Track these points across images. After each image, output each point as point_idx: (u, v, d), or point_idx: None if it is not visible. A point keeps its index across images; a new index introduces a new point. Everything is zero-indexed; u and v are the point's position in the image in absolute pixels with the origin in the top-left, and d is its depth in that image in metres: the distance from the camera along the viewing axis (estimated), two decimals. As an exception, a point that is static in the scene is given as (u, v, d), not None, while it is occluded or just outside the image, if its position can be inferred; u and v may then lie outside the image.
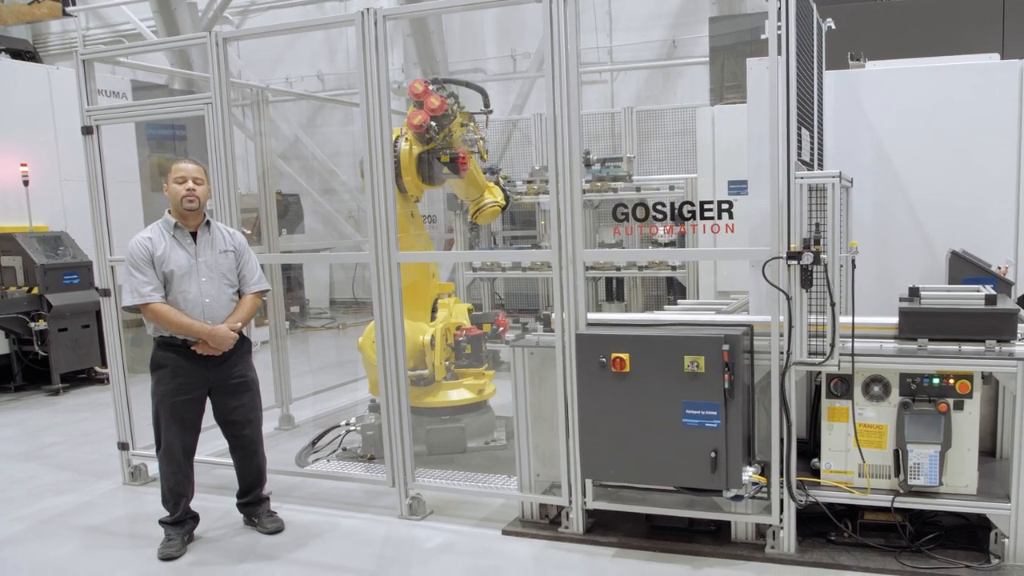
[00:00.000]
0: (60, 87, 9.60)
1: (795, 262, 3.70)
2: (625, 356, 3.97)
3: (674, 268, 7.19)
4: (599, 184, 7.51)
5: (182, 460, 4.57)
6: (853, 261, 3.84)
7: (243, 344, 4.66)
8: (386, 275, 4.72)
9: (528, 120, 10.53)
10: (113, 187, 5.76)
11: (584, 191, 7.61)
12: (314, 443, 6.32)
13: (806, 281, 3.71)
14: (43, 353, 8.97)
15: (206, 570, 4.36)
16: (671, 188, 7.31)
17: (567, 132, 4.19)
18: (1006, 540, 3.66)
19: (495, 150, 11.03)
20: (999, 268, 4.37)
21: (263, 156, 7.31)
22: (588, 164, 7.74)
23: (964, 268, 4.35)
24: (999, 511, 3.66)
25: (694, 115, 6.83)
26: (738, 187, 6.23)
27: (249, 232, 11.55)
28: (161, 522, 4.63)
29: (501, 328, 6.18)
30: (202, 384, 4.55)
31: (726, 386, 3.78)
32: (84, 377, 9.48)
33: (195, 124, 12.21)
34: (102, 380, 9.08)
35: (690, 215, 4.12)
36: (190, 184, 4.45)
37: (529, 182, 8.00)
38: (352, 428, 6.08)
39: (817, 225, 3.71)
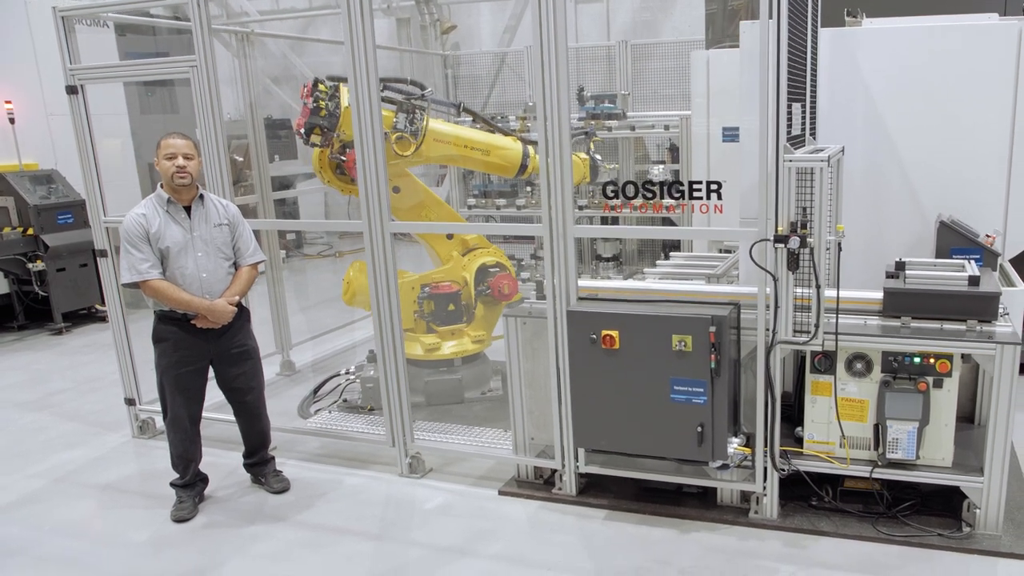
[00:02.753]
0: (38, 18, 9.33)
1: (782, 245, 3.74)
2: (615, 333, 4.06)
3: (668, 209, 7.18)
4: (593, 122, 7.42)
5: (189, 428, 4.72)
6: (839, 244, 3.89)
7: (242, 314, 4.74)
8: (379, 246, 4.75)
9: (520, 52, 10.27)
10: (99, 121, 5.72)
11: (578, 129, 7.55)
12: (315, 392, 6.50)
13: (792, 264, 3.76)
14: (43, 293, 9.07)
15: (218, 532, 4.56)
16: (666, 128, 7.24)
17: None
18: (978, 510, 3.85)
19: (486, 85, 10.77)
20: (987, 236, 4.40)
21: (250, 87, 7.14)
22: (581, 101, 7.63)
23: (952, 238, 4.38)
24: (972, 484, 3.83)
25: (689, 55, 6.68)
26: (732, 134, 6.18)
27: (241, 159, 11.47)
28: (172, 484, 4.82)
29: (490, 290, 6.03)
30: (204, 355, 4.66)
31: (712, 366, 3.89)
32: (85, 314, 9.62)
33: (179, 47, 11.90)
34: (103, 317, 9.22)
35: (679, 195, 4.13)
36: (180, 160, 4.43)
37: (522, 118, 7.88)
38: (352, 379, 6.24)
39: (805, 209, 3.73)
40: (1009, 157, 4.58)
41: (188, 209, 4.55)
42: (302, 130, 5.29)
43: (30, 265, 8.90)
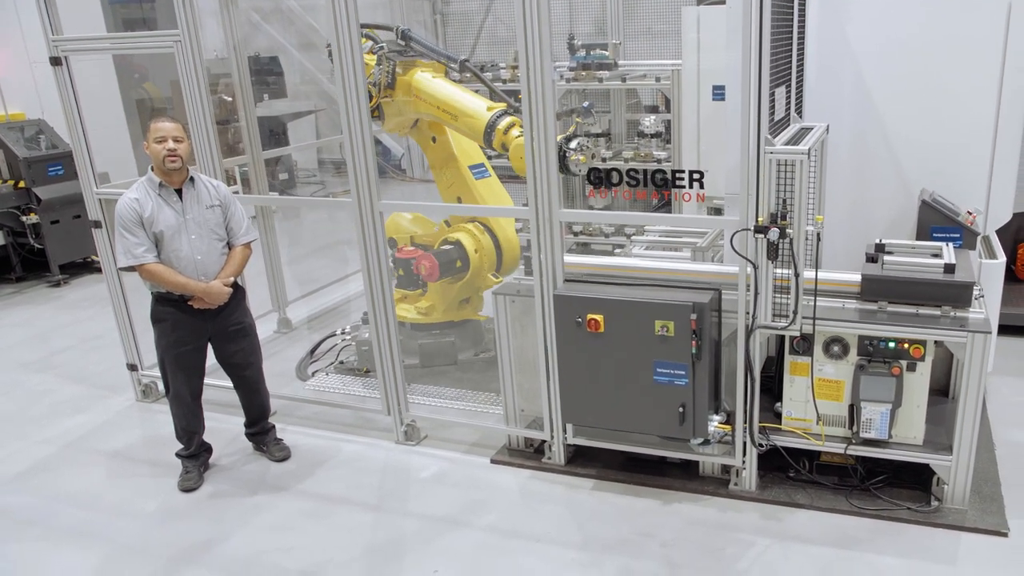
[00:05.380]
0: (15, -40, 9.12)
1: (762, 236, 3.81)
2: (600, 318, 4.18)
3: (659, 162, 7.20)
4: (584, 73, 7.34)
5: (191, 403, 4.88)
6: (819, 235, 3.95)
7: (237, 293, 4.84)
8: (370, 226, 4.81)
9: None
10: (84, 69, 5.67)
11: (569, 80, 7.48)
12: (312, 353, 6.64)
13: (772, 253, 3.84)
14: (39, 246, 9.13)
15: (223, 502, 4.76)
16: (657, 80, 7.17)
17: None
18: (946, 486, 4.04)
19: (477, 13, 10.46)
20: (968, 213, 4.46)
21: (235, 26, 6.97)
22: (572, 50, 7.54)
23: (933, 216, 4.44)
24: (941, 462, 4.01)
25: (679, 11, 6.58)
26: (722, 92, 6.14)
27: (230, 100, 11.32)
28: (178, 455, 5.01)
29: (414, 264, 5.90)
30: (202, 334, 4.78)
31: (693, 351, 4.01)
32: (81, 263, 9.70)
33: (162, -14, 11.51)
34: (100, 268, 9.27)
35: (662, 183, 4.17)
36: (170, 144, 4.46)
37: (513, 67, 7.79)
38: (347, 340, 6.38)
39: (784, 201, 3.79)
40: (994, 130, 4.58)
41: (180, 192, 4.59)
42: None
43: (24, 218, 8.93)
